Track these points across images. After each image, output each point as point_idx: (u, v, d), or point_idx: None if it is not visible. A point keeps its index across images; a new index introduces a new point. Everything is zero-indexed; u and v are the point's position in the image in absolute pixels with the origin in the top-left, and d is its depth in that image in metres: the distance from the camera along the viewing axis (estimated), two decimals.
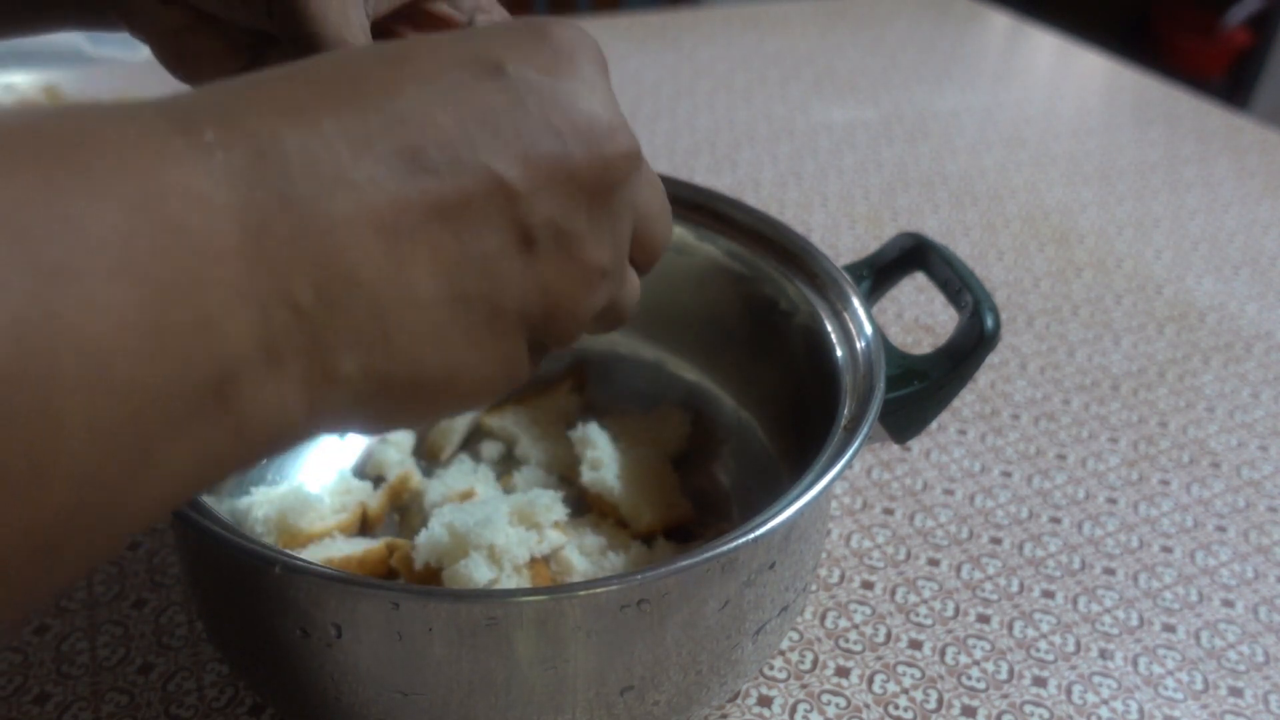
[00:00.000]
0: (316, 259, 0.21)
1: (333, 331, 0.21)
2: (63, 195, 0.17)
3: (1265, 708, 0.44)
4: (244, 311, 0.20)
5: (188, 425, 0.19)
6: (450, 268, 0.22)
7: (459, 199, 0.22)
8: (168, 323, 0.18)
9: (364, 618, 0.31)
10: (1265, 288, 0.74)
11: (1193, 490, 0.56)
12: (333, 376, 0.22)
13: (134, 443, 0.18)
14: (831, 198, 0.83)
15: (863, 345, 0.40)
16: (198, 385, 0.19)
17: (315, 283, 0.21)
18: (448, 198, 0.22)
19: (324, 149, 0.21)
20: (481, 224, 0.23)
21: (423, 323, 0.22)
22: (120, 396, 0.18)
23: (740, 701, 0.43)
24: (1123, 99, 1.04)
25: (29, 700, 0.41)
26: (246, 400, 0.20)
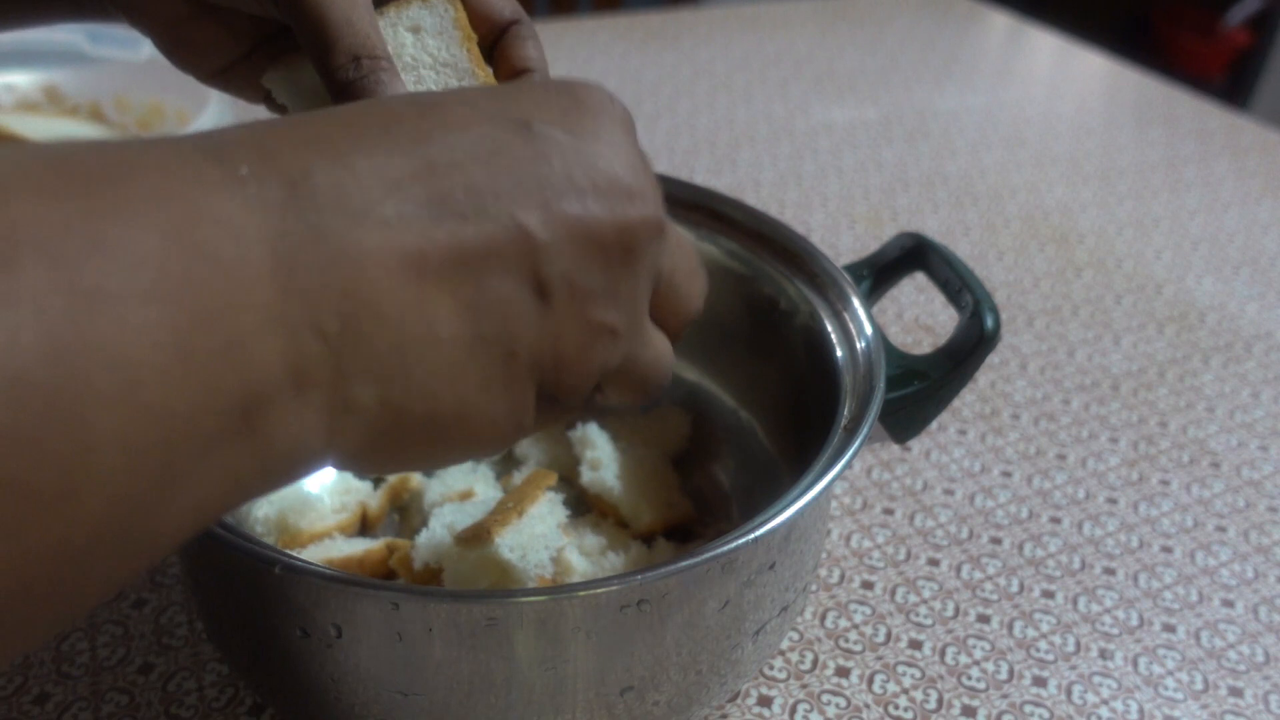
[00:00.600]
0: (344, 290, 0.21)
1: (356, 361, 0.22)
2: (101, 220, 0.18)
3: (1265, 708, 0.44)
4: (273, 338, 0.20)
5: (215, 448, 0.20)
6: (470, 310, 0.23)
7: (483, 245, 0.23)
8: (199, 346, 0.19)
9: (364, 618, 0.31)
10: (1265, 288, 0.74)
11: (1193, 490, 0.56)
12: (352, 406, 0.22)
13: (163, 463, 0.19)
14: (831, 198, 0.83)
15: (863, 345, 0.40)
16: (226, 408, 0.20)
17: (342, 313, 0.21)
18: (472, 243, 0.23)
19: (355, 185, 0.22)
20: (502, 271, 0.23)
21: (441, 360, 0.23)
22: (151, 417, 0.18)
23: (740, 701, 0.43)
24: (1123, 99, 1.04)
25: (29, 700, 0.41)
26: (272, 425, 0.21)
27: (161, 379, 0.18)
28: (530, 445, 0.49)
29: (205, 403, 0.19)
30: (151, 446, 0.18)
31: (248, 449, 0.20)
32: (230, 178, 0.20)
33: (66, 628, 0.33)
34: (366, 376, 0.22)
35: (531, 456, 0.49)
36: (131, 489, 0.18)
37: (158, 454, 0.19)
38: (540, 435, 0.50)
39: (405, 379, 0.23)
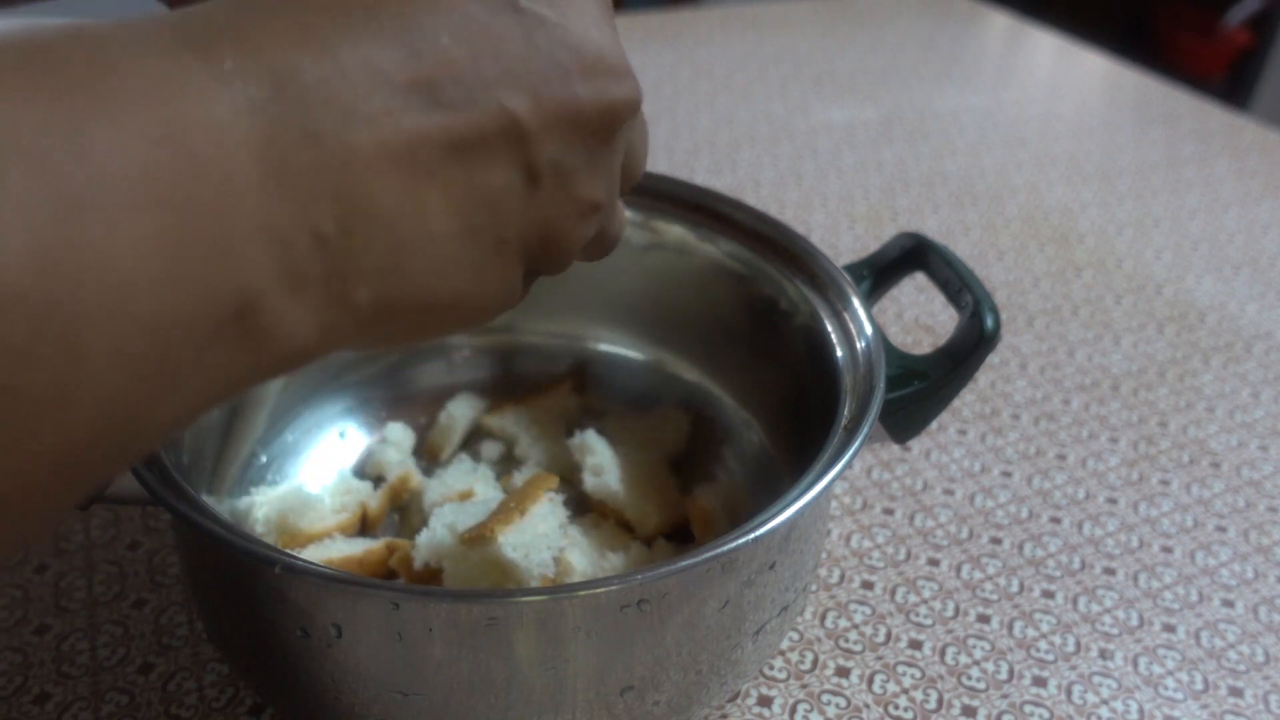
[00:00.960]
0: (337, 191, 0.21)
1: (351, 261, 0.22)
2: (84, 124, 0.18)
3: (1265, 708, 0.44)
4: (265, 242, 0.20)
5: (209, 350, 0.20)
6: (462, 202, 0.23)
7: (473, 135, 0.23)
8: (191, 255, 0.19)
9: (364, 618, 0.31)
10: (1265, 288, 0.74)
11: (1193, 490, 0.56)
12: (347, 304, 0.22)
13: (158, 368, 0.19)
14: (831, 198, 0.83)
15: (863, 345, 0.40)
16: (220, 313, 0.20)
17: (336, 214, 0.21)
18: (462, 134, 0.23)
19: (342, 82, 0.21)
20: (492, 160, 0.23)
21: (435, 254, 0.23)
22: (144, 325, 0.18)
23: (740, 701, 0.43)
24: (1123, 99, 1.04)
25: (29, 700, 0.41)
26: (266, 327, 0.21)
27: (153, 288, 0.18)
28: (530, 445, 0.50)
29: (198, 310, 0.19)
30: (145, 353, 0.18)
31: (242, 350, 0.21)
32: (215, 74, 0.20)
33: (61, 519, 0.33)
34: (363, 275, 0.22)
35: (531, 457, 0.49)
36: (126, 394, 0.18)
37: (152, 360, 0.19)
38: (540, 435, 0.50)
39: (400, 276, 0.23)
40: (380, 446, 0.49)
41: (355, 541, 0.44)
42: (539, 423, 0.50)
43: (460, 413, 0.50)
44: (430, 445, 0.50)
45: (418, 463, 0.49)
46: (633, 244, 0.48)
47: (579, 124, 0.25)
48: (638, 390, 0.52)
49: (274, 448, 0.47)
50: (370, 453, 0.49)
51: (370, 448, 0.49)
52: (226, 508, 0.43)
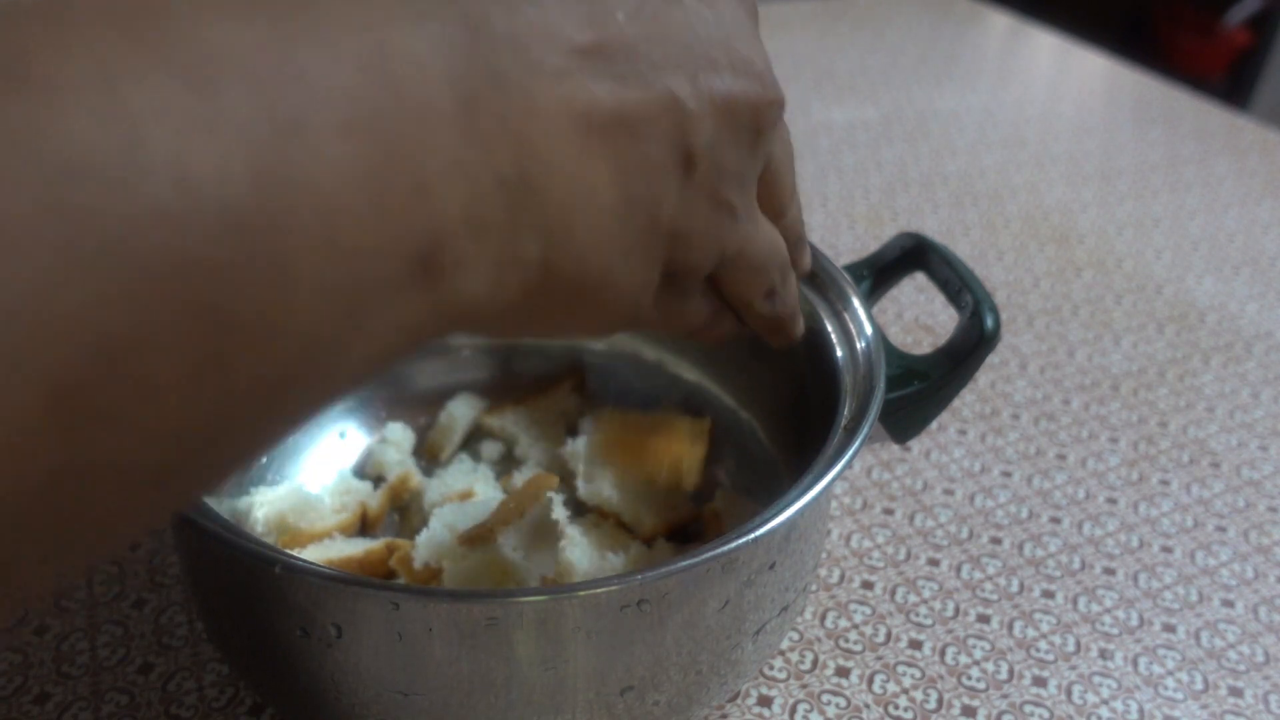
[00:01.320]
0: (520, 139, 0.21)
1: (527, 212, 0.22)
2: (296, 47, 0.18)
3: (1265, 708, 0.44)
4: (456, 180, 0.20)
5: (396, 293, 0.20)
6: (626, 174, 0.24)
7: (641, 109, 0.24)
8: (391, 185, 0.19)
9: (364, 618, 0.31)
10: (1265, 288, 0.74)
11: (1193, 490, 0.56)
12: (519, 259, 0.22)
13: (351, 304, 0.19)
14: (831, 198, 0.83)
15: (863, 345, 0.40)
16: (410, 252, 0.20)
17: (518, 162, 0.22)
18: (632, 106, 0.23)
19: (530, 35, 0.22)
20: (656, 137, 0.24)
21: (599, 221, 0.24)
22: (345, 257, 0.18)
23: (740, 701, 0.43)
24: (1123, 99, 1.04)
25: (29, 700, 0.41)
26: (448, 272, 0.21)
27: (356, 219, 0.18)
28: (530, 445, 0.50)
29: (392, 247, 0.19)
30: (343, 286, 0.19)
31: (424, 296, 0.21)
32: (417, 13, 0.20)
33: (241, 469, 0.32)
34: (535, 230, 0.22)
35: (531, 456, 0.49)
36: (321, 330, 0.18)
37: (346, 296, 0.19)
38: (540, 435, 0.50)
39: (567, 236, 0.23)
40: (380, 446, 0.49)
41: (355, 541, 0.44)
42: (539, 423, 0.50)
43: (460, 413, 0.50)
44: (430, 445, 0.50)
45: (418, 462, 0.49)
46: None
47: (731, 115, 0.25)
48: (638, 390, 0.52)
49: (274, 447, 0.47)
50: (370, 452, 0.49)
51: (370, 447, 0.49)
52: (226, 508, 0.43)
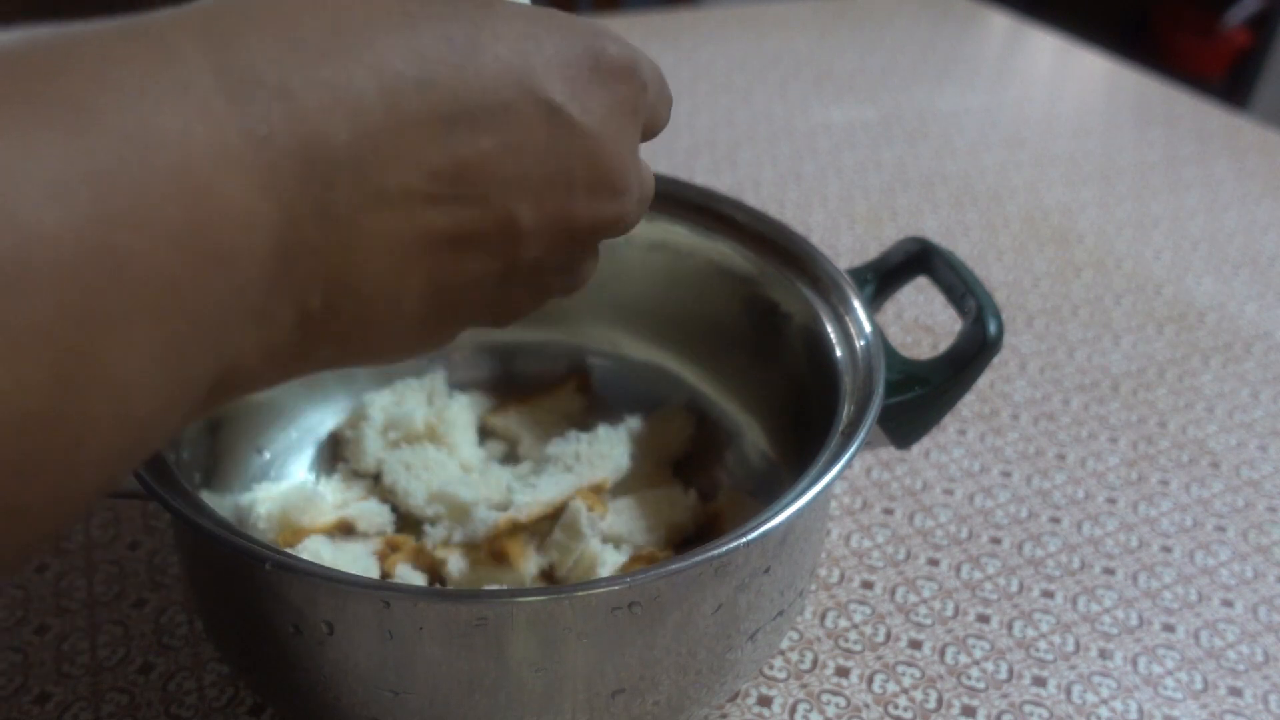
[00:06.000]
0: (333, 271, 0.21)
1: (323, 331, 0.22)
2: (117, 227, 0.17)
3: (1265, 707, 0.44)
4: (255, 329, 0.21)
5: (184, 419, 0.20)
6: (439, 286, 0.24)
7: (474, 230, 0.23)
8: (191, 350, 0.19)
9: (355, 616, 0.31)
10: (1265, 288, 0.74)
11: (1192, 490, 0.56)
12: (307, 362, 0.23)
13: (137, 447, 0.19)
14: (831, 198, 0.83)
15: (863, 349, 0.40)
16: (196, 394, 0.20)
17: (325, 292, 0.22)
18: (466, 227, 0.23)
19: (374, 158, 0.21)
20: (480, 253, 0.24)
21: (397, 327, 0.24)
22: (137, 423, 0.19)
23: (740, 701, 0.43)
24: (1123, 99, 1.04)
25: (29, 700, 0.41)
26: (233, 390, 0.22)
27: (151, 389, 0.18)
28: (533, 445, 0.50)
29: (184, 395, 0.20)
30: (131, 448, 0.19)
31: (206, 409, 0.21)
32: (250, 140, 0.19)
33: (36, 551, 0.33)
34: (328, 343, 0.23)
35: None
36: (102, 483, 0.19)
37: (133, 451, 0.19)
38: (543, 435, 0.50)
39: (363, 342, 0.24)
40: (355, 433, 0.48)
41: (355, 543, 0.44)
42: (542, 423, 0.50)
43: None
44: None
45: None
46: (635, 244, 0.48)
47: (569, 232, 0.25)
48: (641, 392, 0.52)
49: (277, 445, 0.47)
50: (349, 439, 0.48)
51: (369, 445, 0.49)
52: (229, 504, 0.43)
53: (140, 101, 0.18)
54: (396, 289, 0.23)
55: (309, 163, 0.20)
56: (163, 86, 0.18)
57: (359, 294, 0.22)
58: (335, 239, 0.21)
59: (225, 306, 0.19)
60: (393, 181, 0.21)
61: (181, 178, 0.18)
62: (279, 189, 0.20)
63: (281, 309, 0.21)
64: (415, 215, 0.22)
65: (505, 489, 0.46)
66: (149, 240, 0.18)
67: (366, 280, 0.22)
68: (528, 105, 0.23)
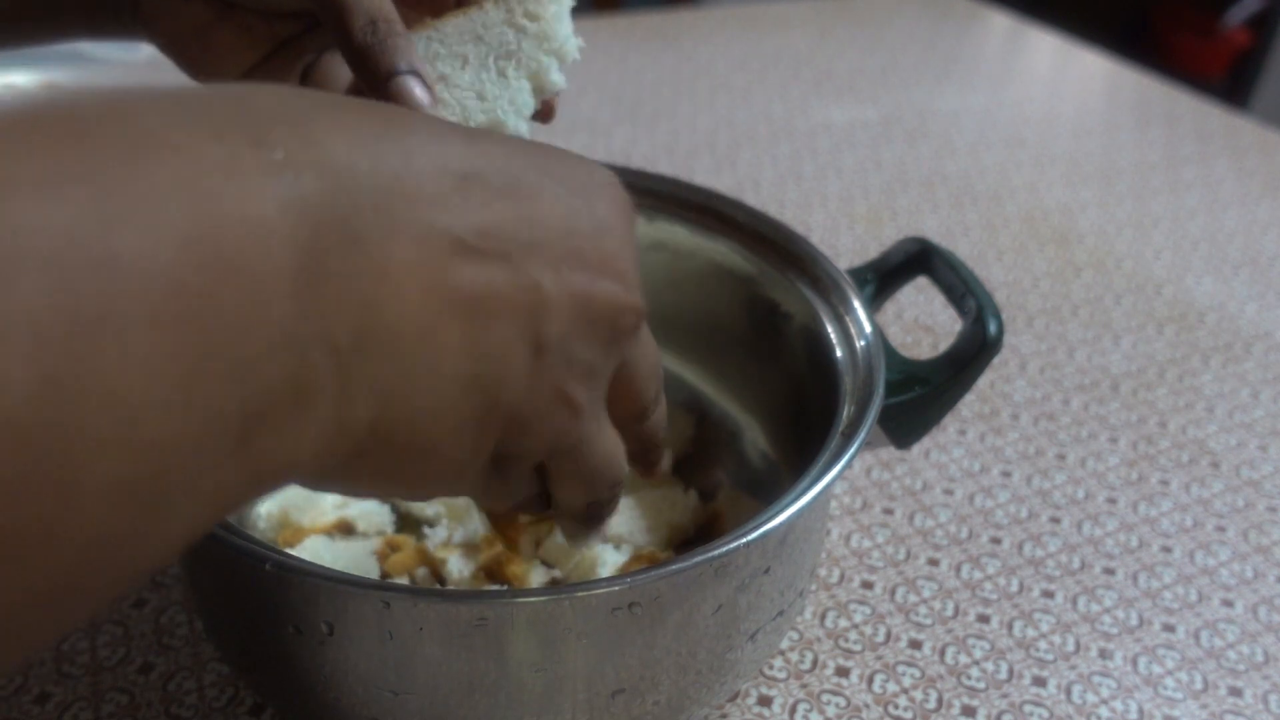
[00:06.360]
0: (363, 301, 0.20)
1: (359, 379, 0.21)
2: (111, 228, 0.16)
3: (1265, 707, 0.44)
4: (284, 354, 0.19)
5: (208, 473, 0.18)
6: (475, 350, 0.23)
7: (501, 291, 0.23)
8: (204, 370, 0.17)
9: (355, 616, 0.31)
10: (1265, 288, 0.74)
11: (1192, 490, 0.56)
12: (346, 424, 0.21)
13: (151, 496, 0.17)
14: (831, 198, 0.83)
15: (863, 349, 0.40)
16: (223, 435, 0.18)
17: (356, 326, 0.20)
18: (494, 286, 0.23)
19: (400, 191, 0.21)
20: (511, 319, 0.23)
21: (439, 393, 0.23)
22: (143, 450, 0.17)
23: (740, 701, 0.43)
24: (1123, 99, 1.04)
25: (29, 700, 0.41)
26: (267, 445, 0.19)
27: (159, 410, 0.17)
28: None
29: (203, 432, 0.18)
30: (140, 480, 0.17)
31: (239, 469, 0.19)
32: (269, 163, 0.19)
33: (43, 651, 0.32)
34: (368, 397, 0.21)
35: None
36: (115, 528, 0.17)
37: (146, 487, 0.17)
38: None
39: (405, 402, 0.22)
40: None
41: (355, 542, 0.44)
42: None
43: None
44: None
45: None
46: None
47: (588, 311, 0.25)
48: None
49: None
50: None
51: None
52: None
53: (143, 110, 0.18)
54: (431, 340, 0.22)
55: (331, 181, 0.20)
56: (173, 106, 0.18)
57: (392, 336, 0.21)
58: (365, 265, 0.20)
59: (241, 321, 0.18)
60: (419, 216, 0.21)
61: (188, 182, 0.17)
62: (298, 203, 0.19)
63: (309, 335, 0.19)
64: (443, 259, 0.21)
65: None
66: (149, 241, 0.16)
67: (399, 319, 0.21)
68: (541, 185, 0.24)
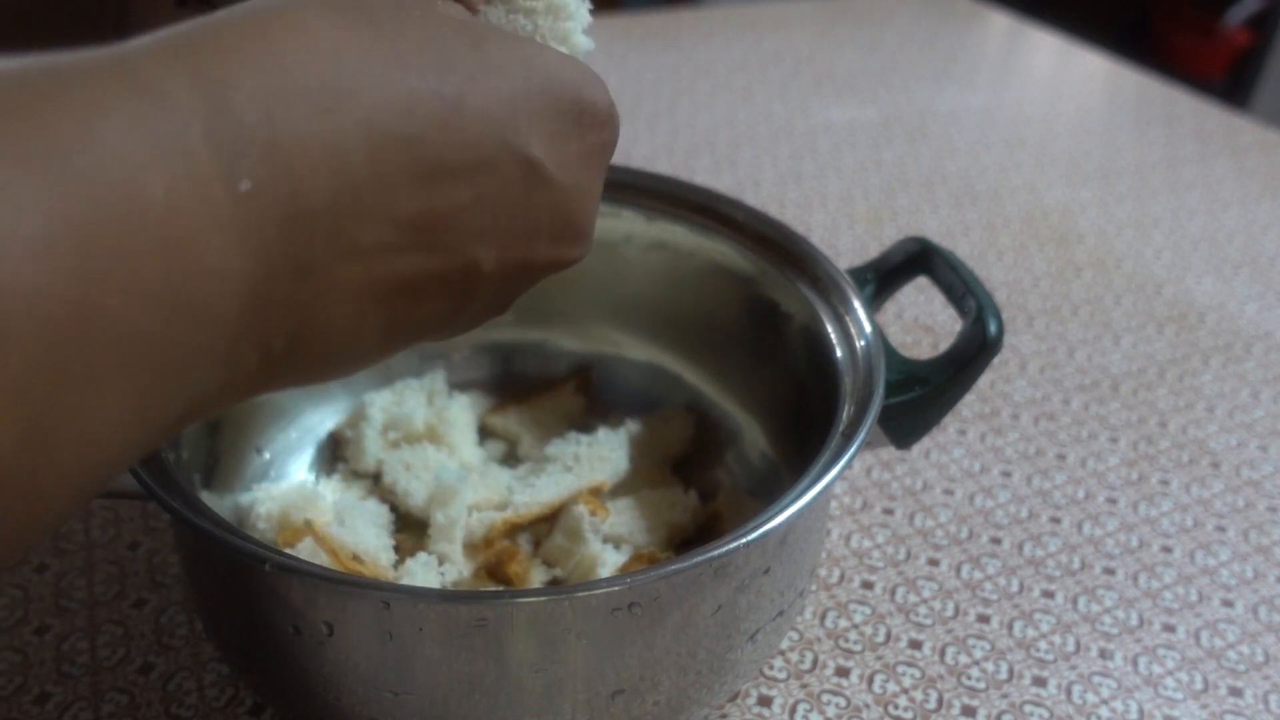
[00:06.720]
0: (302, 316, 0.22)
1: (286, 370, 0.23)
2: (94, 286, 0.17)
3: (1265, 707, 0.44)
4: (224, 365, 0.21)
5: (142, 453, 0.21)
6: (398, 324, 0.24)
7: (437, 274, 0.24)
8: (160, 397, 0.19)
9: (355, 617, 0.31)
10: (1265, 288, 0.74)
11: (1192, 490, 0.56)
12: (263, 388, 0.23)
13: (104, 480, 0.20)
14: (831, 198, 0.83)
15: (863, 349, 0.40)
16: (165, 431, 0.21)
17: (290, 335, 0.22)
18: (432, 274, 0.24)
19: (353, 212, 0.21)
20: (440, 294, 0.24)
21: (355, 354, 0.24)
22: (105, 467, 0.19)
23: (740, 701, 0.43)
24: (1123, 99, 1.04)
25: (29, 700, 0.41)
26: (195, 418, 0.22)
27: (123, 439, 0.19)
28: (533, 445, 0.50)
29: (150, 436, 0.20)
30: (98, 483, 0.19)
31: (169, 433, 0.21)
32: (234, 196, 0.19)
33: None
34: (287, 372, 0.23)
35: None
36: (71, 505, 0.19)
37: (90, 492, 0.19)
38: (543, 435, 0.50)
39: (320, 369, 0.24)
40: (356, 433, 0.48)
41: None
42: (542, 422, 0.50)
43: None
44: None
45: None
46: (635, 244, 0.48)
47: (524, 274, 0.26)
48: (641, 392, 0.52)
49: (277, 445, 0.47)
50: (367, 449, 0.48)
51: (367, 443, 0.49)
52: (229, 504, 0.43)
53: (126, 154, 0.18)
54: (357, 330, 0.23)
55: (290, 218, 0.20)
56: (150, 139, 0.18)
57: (322, 337, 0.23)
58: (307, 291, 0.21)
59: (195, 357, 0.20)
60: (367, 235, 0.22)
61: (163, 235, 0.18)
62: (258, 245, 0.20)
63: (247, 353, 0.21)
64: (384, 264, 0.22)
65: (505, 489, 0.46)
66: (127, 298, 0.18)
67: (331, 325, 0.22)
68: (508, 162, 0.24)
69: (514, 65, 0.24)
